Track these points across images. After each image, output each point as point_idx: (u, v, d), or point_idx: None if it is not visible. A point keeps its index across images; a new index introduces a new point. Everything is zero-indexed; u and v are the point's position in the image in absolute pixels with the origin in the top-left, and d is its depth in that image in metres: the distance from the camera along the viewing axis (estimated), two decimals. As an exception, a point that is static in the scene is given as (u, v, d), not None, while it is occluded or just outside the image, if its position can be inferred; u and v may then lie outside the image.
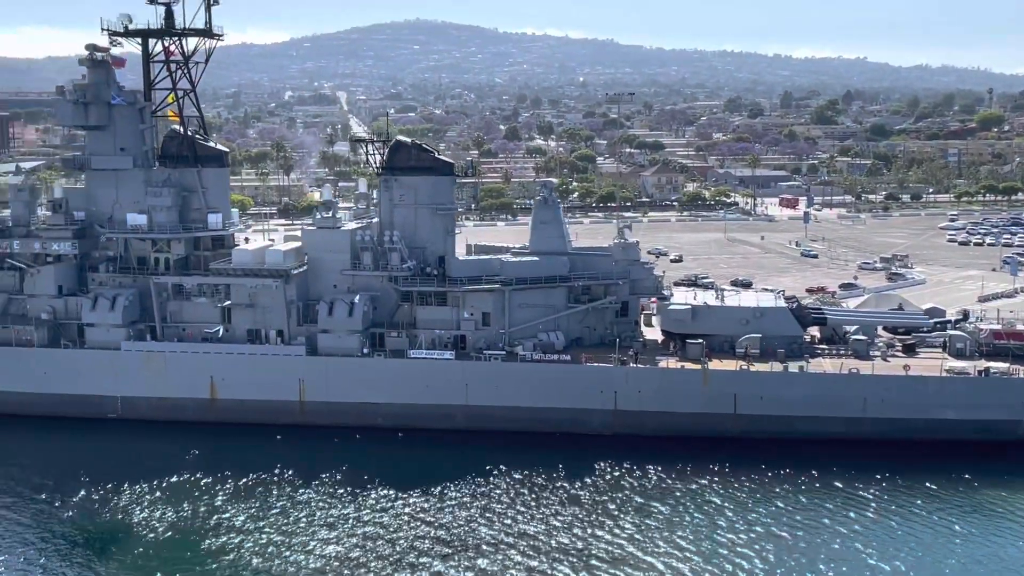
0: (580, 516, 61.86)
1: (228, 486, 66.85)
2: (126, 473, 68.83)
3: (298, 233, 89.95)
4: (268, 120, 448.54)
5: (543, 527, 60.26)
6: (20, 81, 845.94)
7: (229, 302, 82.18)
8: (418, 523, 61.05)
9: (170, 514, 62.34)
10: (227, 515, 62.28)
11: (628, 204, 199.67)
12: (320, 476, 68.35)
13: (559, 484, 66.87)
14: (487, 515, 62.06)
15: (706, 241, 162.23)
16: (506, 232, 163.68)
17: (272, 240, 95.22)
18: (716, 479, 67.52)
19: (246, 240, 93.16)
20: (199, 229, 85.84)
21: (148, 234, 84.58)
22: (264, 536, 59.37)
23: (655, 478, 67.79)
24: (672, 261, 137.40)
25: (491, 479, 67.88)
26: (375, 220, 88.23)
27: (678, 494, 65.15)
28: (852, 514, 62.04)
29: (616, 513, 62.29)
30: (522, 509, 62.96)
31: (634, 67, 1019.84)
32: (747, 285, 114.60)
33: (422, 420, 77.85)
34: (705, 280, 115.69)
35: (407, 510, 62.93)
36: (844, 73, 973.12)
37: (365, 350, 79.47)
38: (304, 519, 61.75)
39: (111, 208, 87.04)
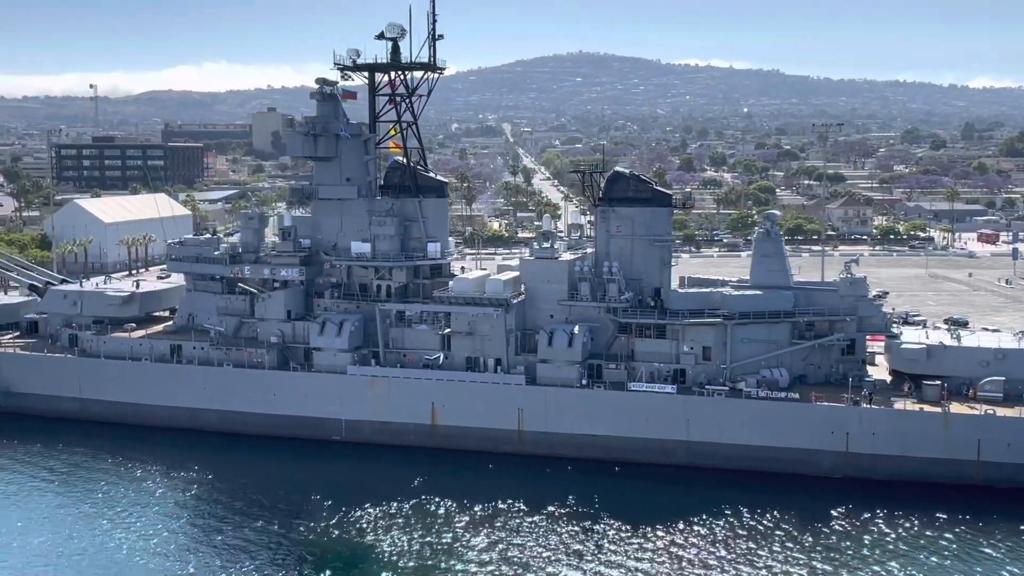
0: (822, 560, 59.46)
1: (457, 512, 67.42)
2: (357, 496, 70.33)
3: (510, 263, 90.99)
4: (439, 151, 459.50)
5: (781, 570, 58.20)
6: (205, 114, 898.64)
7: (449, 330, 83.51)
8: (658, 559, 59.95)
9: (406, 538, 63.21)
10: (463, 542, 62.67)
11: (816, 237, 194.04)
12: (547, 506, 68.15)
13: (791, 527, 64.53)
14: (724, 555, 60.43)
15: (906, 277, 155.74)
16: (693, 264, 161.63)
17: (485, 269, 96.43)
18: (964, 529, 63.83)
19: (462, 269, 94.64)
20: (419, 258, 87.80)
21: (371, 262, 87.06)
22: (507, 566, 59.42)
23: (906, 525, 64.58)
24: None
25: (719, 518, 66.12)
26: (589, 250, 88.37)
27: (929, 544, 61.86)
28: None
29: (868, 560, 59.61)
30: (758, 551, 61.01)
31: (800, 98, 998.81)
32: (963, 324, 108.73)
33: (641, 454, 76.85)
34: (916, 318, 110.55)
35: (648, 545, 61.87)
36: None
37: (583, 381, 79.27)
38: (541, 549, 61.53)
39: (335, 236, 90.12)
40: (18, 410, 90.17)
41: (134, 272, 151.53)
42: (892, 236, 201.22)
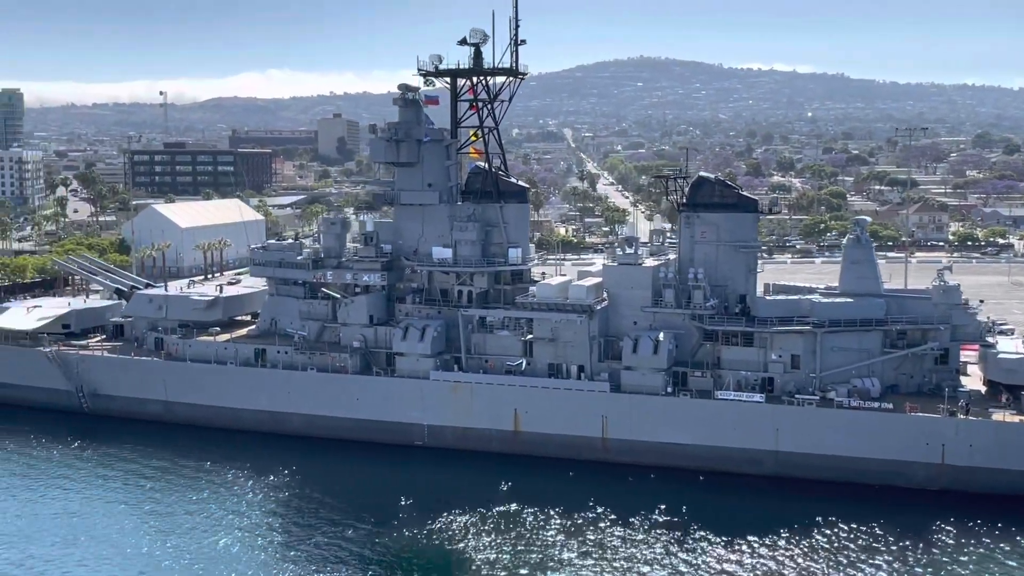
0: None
1: (546, 520, 66.92)
2: (443, 501, 70.16)
3: (590, 268, 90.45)
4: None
5: (888, 586, 56.84)
6: (269, 120, 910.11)
7: (531, 336, 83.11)
8: (759, 572, 58.86)
9: (497, 546, 62.84)
10: (556, 550, 62.13)
11: (891, 244, 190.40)
12: (636, 515, 67.34)
13: (892, 540, 62.95)
14: (826, 569, 59.12)
15: (988, 284, 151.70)
16: (766, 270, 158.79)
17: (566, 275, 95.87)
18: (1072, 546, 61.78)
19: (543, 275, 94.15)
20: (500, 263, 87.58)
21: (453, 267, 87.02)
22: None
23: (1016, 539, 62.65)
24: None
25: (815, 530, 64.76)
26: (672, 256, 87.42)
27: (1032, 560, 59.97)
28: None
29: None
30: (860, 565, 59.60)
31: (866, 102, 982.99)
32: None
33: (727, 464, 75.68)
34: (1004, 327, 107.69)
35: (746, 558, 60.81)
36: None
37: (668, 389, 78.33)
38: (637, 560, 60.77)
39: (417, 242, 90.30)
40: (105, 412, 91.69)
41: (210, 276, 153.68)
42: (970, 242, 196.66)
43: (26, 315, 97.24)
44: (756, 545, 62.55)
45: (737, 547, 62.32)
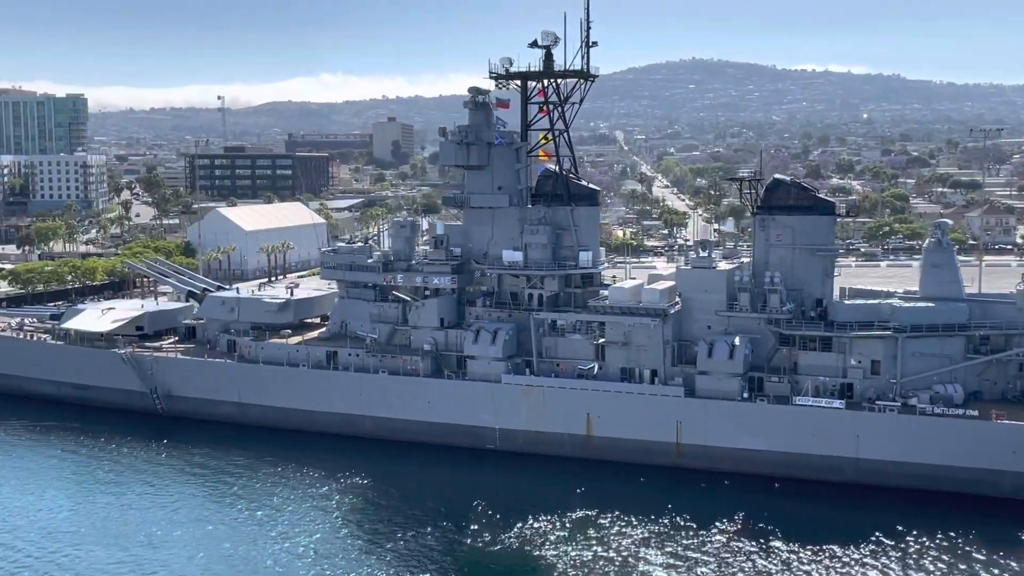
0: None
1: (626, 525, 66.25)
2: (517, 505, 69.81)
3: (661, 272, 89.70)
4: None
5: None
6: (322, 123, 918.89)
7: (603, 339, 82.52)
8: (838, 582, 57.82)
9: (575, 551, 62.28)
10: (640, 557, 61.39)
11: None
12: (716, 522, 66.43)
13: (981, 551, 61.38)
14: (912, 579, 57.93)
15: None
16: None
17: (634, 278, 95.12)
18: None
19: (612, 278, 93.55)
20: (571, 266, 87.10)
21: (524, 270, 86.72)
22: (679, 582, 58.15)
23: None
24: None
25: (896, 539, 63.39)
26: (745, 260, 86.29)
27: None
28: None
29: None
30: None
31: (923, 103, 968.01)
32: None
33: (805, 471, 74.41)
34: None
35: (837, 565, 59.70)
36: None
37: (744, 394, 77.30)
38: (725, 567, 59.90)
39: (486, 245, 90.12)
40: (179, 414, 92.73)
41: (273, 279, 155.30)
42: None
43: (100, 317, 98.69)
44: (841, 554, 61.35)
45: (822, 556, 61.16)
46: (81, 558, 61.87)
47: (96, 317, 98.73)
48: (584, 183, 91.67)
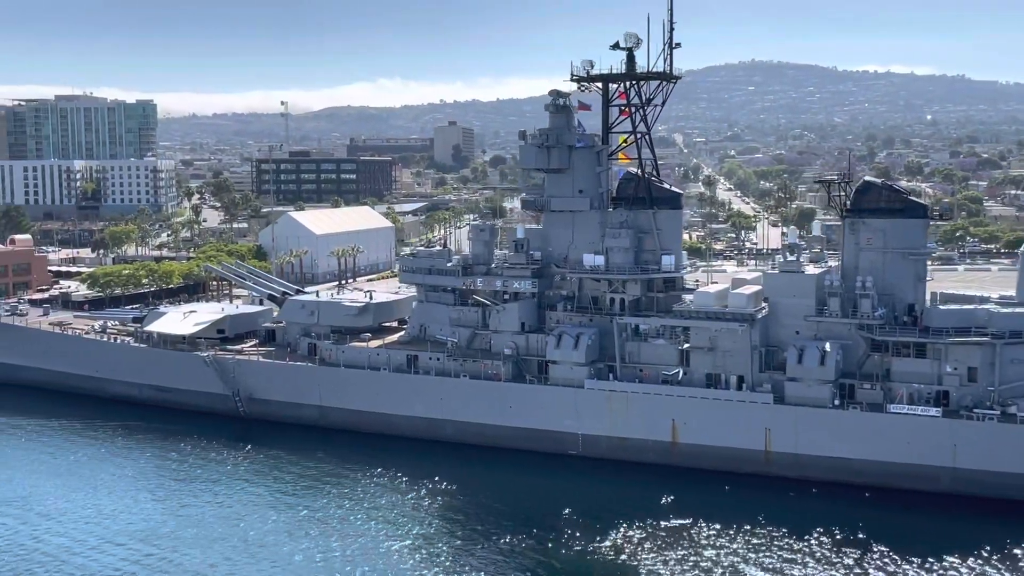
0: None
1: (721, 536, 65.03)
2: (605, 512, 69.00)
3: (746, 276, 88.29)
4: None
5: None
6: (381, 128, 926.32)
7: (688, 345, 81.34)
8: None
9: (670, 561, 61.29)
10: (741, 570, 60.22)
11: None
12: (811, 533, 64.91)
13: (1093, 566, 59.31)
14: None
15: None
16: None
17: (715, 282, 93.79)
18: None
19: (695, 283, 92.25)
20: (653, 271, 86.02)
21: (606, 274, 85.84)
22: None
23: None
24: None
25: (1001, 550, 61.43)
26: (833, 263, 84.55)
27: None
28: None
29: None
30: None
31: (989, 103, 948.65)
32: None
33: (899, 480, 72.55)
34: None
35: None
36: None
37: (836, 401, 75.61)
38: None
39: (566, 248, 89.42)
40: (260, 416, 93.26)
41: (344, 283, 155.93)
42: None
43: (182, 320, 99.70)
44: (951, 566, 59.54)
45: (926, 568, 59.42)
46: (178, 562, 62.14)
47: (178, 320, 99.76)
48: (666, 186, 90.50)
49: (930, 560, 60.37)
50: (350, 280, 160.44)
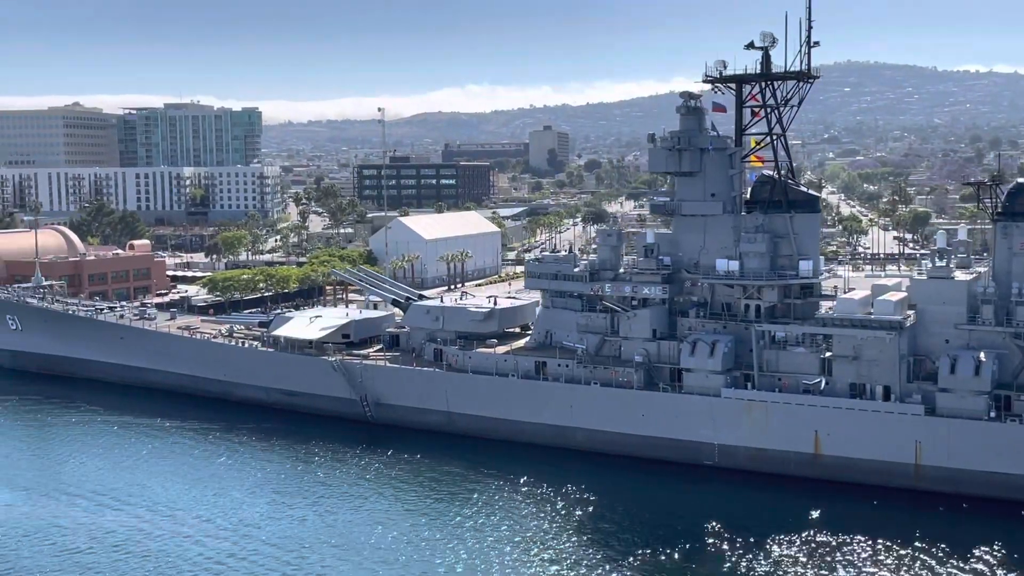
0: None
1: (872, 555, 62.34)
2: (749, 527, 66.79)
3: (887, 282, 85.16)
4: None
5: None
6: (472, 133, 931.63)
7: (830, 353, 78.61)
8: None
9: (826, 577, 59.04)
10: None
11: None
12: (972, 551, 61.80)
13: None
14: None
15: None
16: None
17: (854, 288, 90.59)
18: None
19: (834, 289, 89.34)
20: (790, 276, 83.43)
21: (740, 280, 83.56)
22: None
23: None
24: None
25: None
26: (981, 269, 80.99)
27: None
28: None
29: None
30: None
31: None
32: None
33: (1062, 497, 68.89)
34: None
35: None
36: None
37: (991, 413, 72.12)
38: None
39: (697, 254, 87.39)
40: (388, 421, 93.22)
41: (453, 287, 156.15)
42: None
43: (309, 325, 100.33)
44: None
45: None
46: (314, 569, 62.00)
47: (305, 325, 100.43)
48: (804, 189, 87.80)
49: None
50: (459, 284, 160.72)
